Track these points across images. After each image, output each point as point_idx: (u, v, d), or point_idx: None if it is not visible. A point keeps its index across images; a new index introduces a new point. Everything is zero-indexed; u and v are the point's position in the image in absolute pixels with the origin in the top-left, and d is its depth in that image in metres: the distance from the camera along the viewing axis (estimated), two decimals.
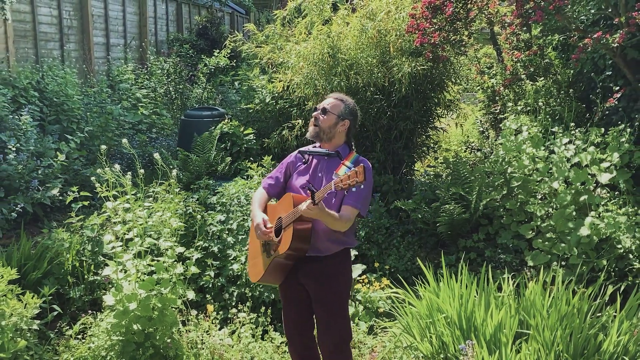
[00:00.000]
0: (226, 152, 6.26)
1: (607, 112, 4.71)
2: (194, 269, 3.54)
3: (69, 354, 3.34)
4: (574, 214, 4.14)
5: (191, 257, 3.97)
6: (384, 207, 5.06)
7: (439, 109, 5.94)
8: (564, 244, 4.05)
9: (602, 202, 4.20)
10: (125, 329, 3.13)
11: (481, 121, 7.52)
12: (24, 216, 5.16)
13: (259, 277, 2.87)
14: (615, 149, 4.16)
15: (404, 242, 4.80)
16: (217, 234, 4.32)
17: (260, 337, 3.63)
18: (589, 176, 4.17)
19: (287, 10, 6.19)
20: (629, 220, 3.93)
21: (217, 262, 4.15)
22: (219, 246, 4.21)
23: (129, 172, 3.45)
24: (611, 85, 4.67)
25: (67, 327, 3.66)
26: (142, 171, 3.47)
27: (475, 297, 3.29)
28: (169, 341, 3.26)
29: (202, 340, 3.49)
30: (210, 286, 4.02)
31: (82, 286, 4.01)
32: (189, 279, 3.87)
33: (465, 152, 7.26)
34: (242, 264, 4.04)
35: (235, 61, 9.66)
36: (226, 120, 6.57)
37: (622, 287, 3.68)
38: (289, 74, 5.52)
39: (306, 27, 5.91)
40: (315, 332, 2.98)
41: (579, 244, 3.96)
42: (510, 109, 5.68)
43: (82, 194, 4.24)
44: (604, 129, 4.38)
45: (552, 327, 2.98)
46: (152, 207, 3.91)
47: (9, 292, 3.34)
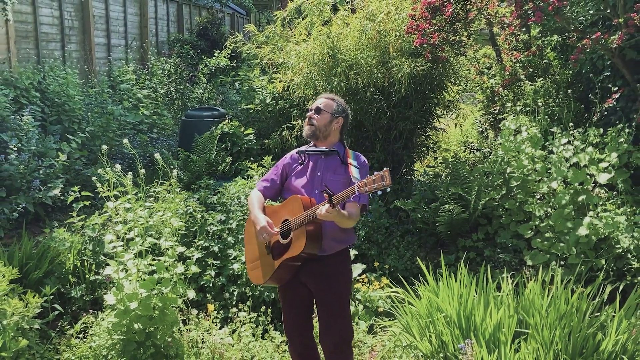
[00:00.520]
0: (226, 152, 6.28)
1: (605, 113, 4.72)
2: (195, 269, 3.56)
3: (71, 353, 3.35)
4: (572, 213, 4.16)
5: (192, 257, 4.00)
6: (384, 207, 5.08)
7: (438, 109, 5.95)
8: (562, 244, 4.06)
9: (601, 202, 4.22)
10: (126, 328, 3.14)
11: (480, 121, 7.54)
12: (25, 216, 5.18)
13: (264, 280, 2.85)
14: (613, 149, 4.17)
15: (404, 242, 4.81)
16: (218, 233, 4.33)
17: (260, 336, 3.64)
18: (588, 176, 4.18)
19: (287, 11, 6.20)
20: (627, 220, 3.94)
21: (218, 262, 4.17)
22: (219, 246, 4.23)
23: (130, 172, 3.47)
24: (610, 85, 4.68)
25: (69, 326, 3.67)
26: (143, 171, 3.49)
27: (474, 296, 3.30)
28: (169, 340, 3.27)
29: (202, 339, 3.50)
30: (210, 285, 4.03)
31: (83, 285, 4.01)
32: (189, 279, 3.88)
33: (464, 152, 7.27)
34: (242, 264, 4.05)
35: (235, 62, 9.67)
36: (227, 120, 6.59)
37: (621, 286, 3.69)
38: (289, 75, 5.53)
39: (306, 27, 5.92)
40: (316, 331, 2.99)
41: (577, 244, 3.97)
42: (509, 109, 5.70)
43: (83, 193, 4.26)
44: (602, 129, 4.39)
45: (551, 326, 2.99)
46: (153, 207, 3.94)
47: (10, 292, 3.36)
